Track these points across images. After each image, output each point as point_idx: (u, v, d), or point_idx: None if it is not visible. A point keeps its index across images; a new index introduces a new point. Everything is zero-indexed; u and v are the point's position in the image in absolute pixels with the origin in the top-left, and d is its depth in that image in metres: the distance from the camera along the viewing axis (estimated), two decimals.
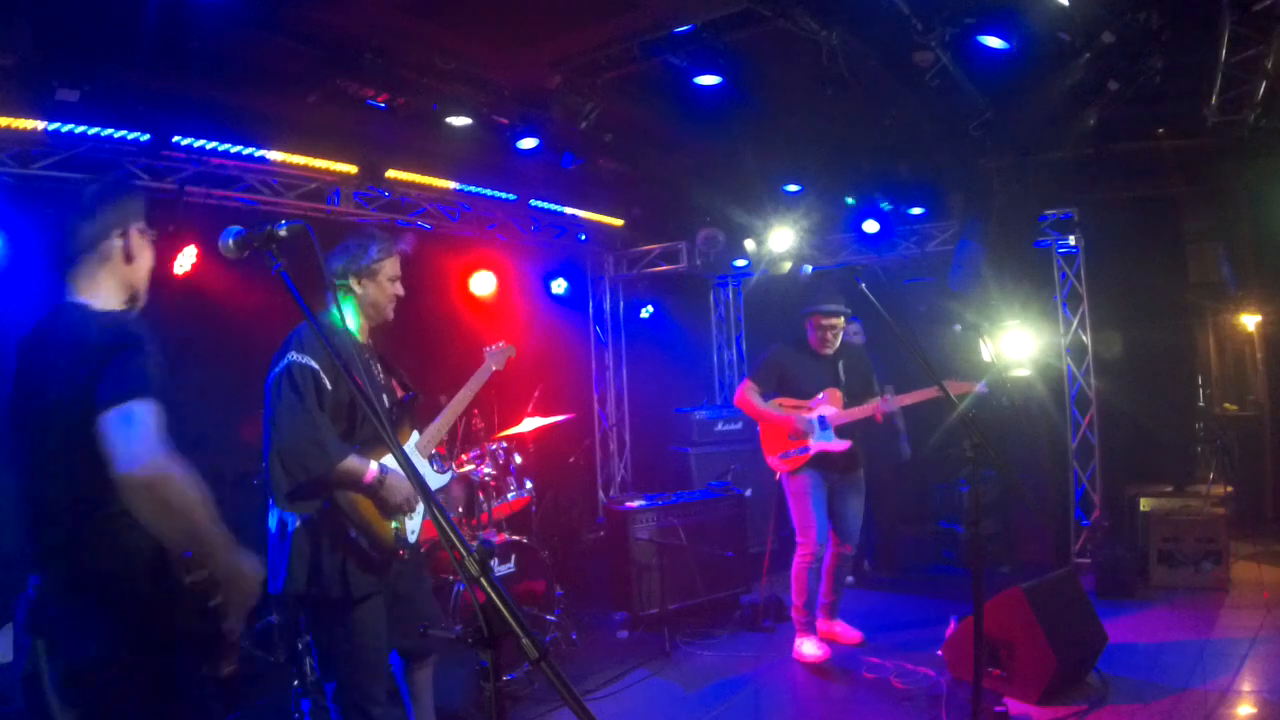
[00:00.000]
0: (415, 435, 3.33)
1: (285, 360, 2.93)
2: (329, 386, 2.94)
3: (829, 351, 5.08)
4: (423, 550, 3.35)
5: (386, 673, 3.11)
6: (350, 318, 3.20)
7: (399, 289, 3.25)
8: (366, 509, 3.00)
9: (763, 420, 5.15)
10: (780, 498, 5.29)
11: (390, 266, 3.21)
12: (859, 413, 4.99)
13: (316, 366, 2.91)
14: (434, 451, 3.51)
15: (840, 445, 4.94)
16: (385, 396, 3.21)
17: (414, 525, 3.16)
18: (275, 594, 3.00)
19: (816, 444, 4.96)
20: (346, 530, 2.93)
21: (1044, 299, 7.03)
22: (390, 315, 3.26)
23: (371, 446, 3.05)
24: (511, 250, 7.52)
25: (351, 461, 2.93)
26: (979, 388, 4.87)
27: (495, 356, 3.74)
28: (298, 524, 2.91)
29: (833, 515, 5.11)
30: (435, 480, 3.45)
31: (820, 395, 5.06)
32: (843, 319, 5.05)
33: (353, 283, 3.16)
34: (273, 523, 3.00)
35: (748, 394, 5.10)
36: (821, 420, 4.98)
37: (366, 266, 3.16)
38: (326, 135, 5.60)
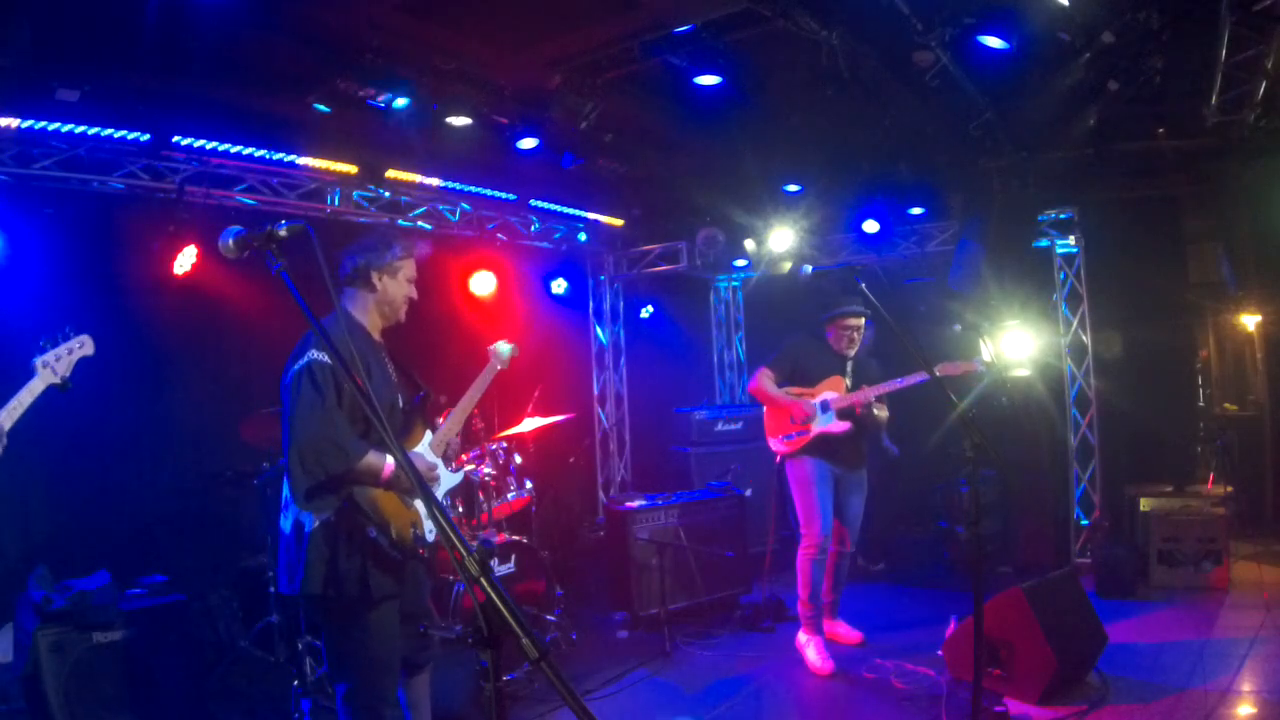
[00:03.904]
0: (428, 435, 3.32)
1: (306, 358, 2.91)
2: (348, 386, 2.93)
3: (850, 353, 5.17)
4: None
5: (398, 672, 3.10)
6: (366, 315, 3.19)
7: (414, 291, 3.27)
8: (388, 506, 2.98)
9: (770, 404, 5.23)
10: (781, 495, 5.30)
11: (409, 267, 3.23)
12: (849, 399, 5.06)
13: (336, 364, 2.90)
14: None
15: (840, 426, 5.01)
16: (400, 396, 3.19)
17: (430, 524, 3.13)
18: (291, 594, 2.99)
19: (818, 427, 5.03)
20: (366, 530, 2.91)
21: (1044, 299, 7.03)
22: (403, 317, 3.28)
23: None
24: (511, 250, 7.51)
25: (370, 458, 2.91)
26: (977, 367, 4.88)
27: (499, 355, 3.74)
28: (315, 524, 2.89)
29: (835, 511, 5.13)
30: (450, 479, 3.44)
31: (823, 382, 5.15)
32: (863, 319, 5.14)
33: (374, 278, 3.15)
34: (287, 524, 2.98)
35: (762, 380, 5.19)
36: (824, 404, 5.07)
37: (389, 264, 3.16)
38: (326, 135, 5.60)
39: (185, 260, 5.07)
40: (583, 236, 8.22)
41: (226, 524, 5.34)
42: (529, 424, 5.85)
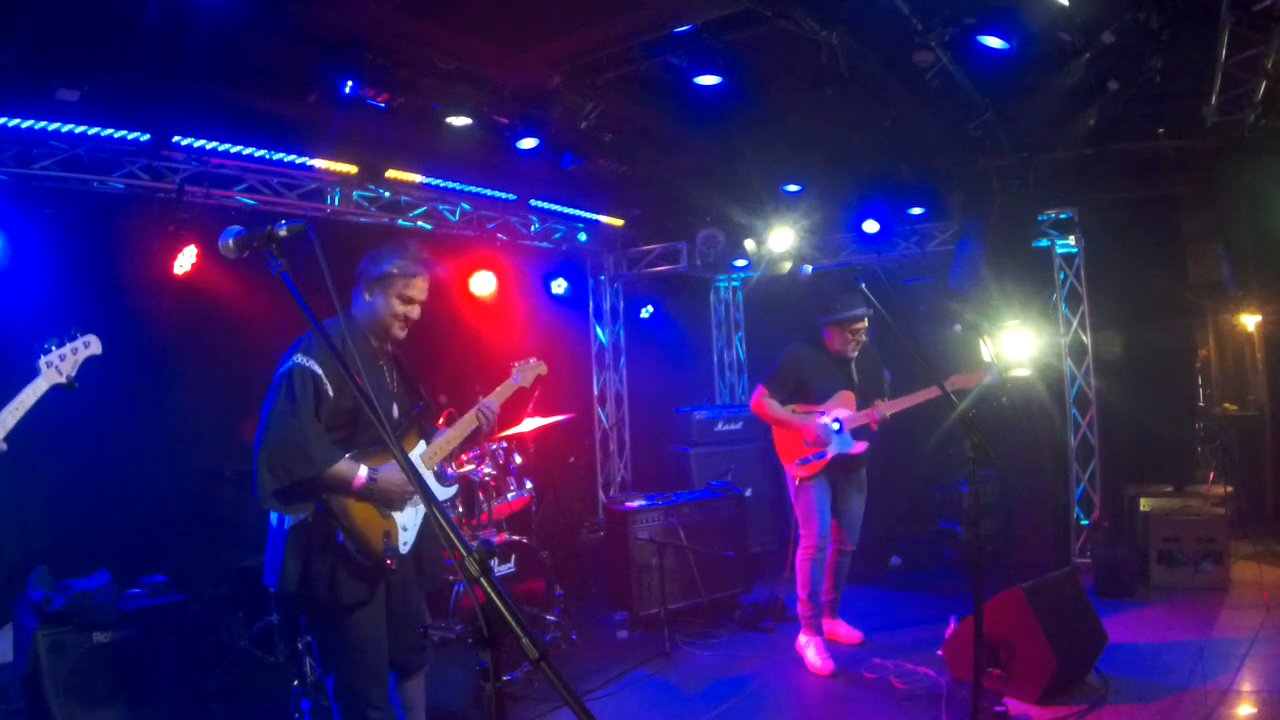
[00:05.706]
0: (422, 445, 3.29)
1: (290, 362, 2.92)
2: (330, 394, 2.91)
3: (852, 354, 5.02)
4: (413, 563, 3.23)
5: (384, 676, 3.09)
6: (363, 321, 3.17)
7: (410, 310, 3.15)
8: (358, 514, 2.97)
9: (780, 426, 5.08)
10: (787, 497, 5.30)
11: (403, 285, 3.11)
12: (864, 417, 4.94)
13: (320, 372, 2.89)
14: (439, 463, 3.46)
15: (858, 448, 4.93)
16: (395, 405, 3.16)
17: (407, 537, 3.12)
18: (270, 588, 3.00)
19: (835, 449, 4.91)
20: (335, 534, 2.91)
21: (1044, 299, 7.03)
22: (397, 334, 3.18)
23: (374, 452, 3.02)
24: (511, 250, 7.51)
25: (339, 467, 2.90)
26: (989, 378, 4.82)
27: (523, 372, 3.65)
28: (293, 523, 2.92)
29: (835, 512, 5.11)
30: (440, 492, 3.41)
31: (833, 398, 5.00)
32: (867, 320, 4.96)
33: (364, 286, 3.14)
34: (274, 518, 3.00)
35: (763, 401, 5.04)
36: (838, 425, 4.95)
37: (378, 276, 3.11)
38: (326, 135, 5.59)
39: (185, 260, 5.07)
40: (583, 236, 8.22)
41: (226, 524, 5.33)
42: (529, 424, 5.84)
